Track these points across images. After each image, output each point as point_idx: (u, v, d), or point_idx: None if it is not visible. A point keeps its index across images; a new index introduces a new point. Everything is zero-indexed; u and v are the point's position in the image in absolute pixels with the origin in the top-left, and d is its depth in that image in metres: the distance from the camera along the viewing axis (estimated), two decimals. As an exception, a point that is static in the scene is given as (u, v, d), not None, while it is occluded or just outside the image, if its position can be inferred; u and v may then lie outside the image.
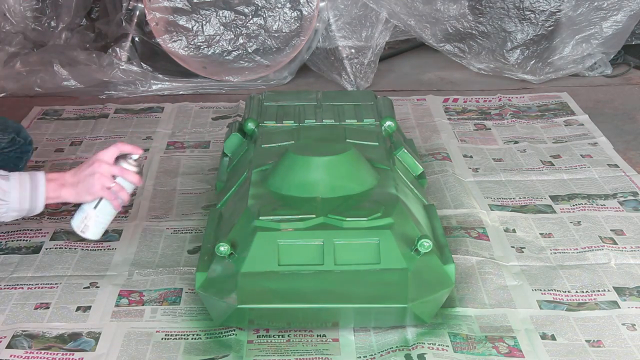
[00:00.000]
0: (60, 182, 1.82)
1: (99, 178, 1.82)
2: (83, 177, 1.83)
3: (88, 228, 1.89)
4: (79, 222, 1.89)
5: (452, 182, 2.53)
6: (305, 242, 1.77)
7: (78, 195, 1.84)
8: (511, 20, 3.53)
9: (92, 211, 1.87)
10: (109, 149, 1.84)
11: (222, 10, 3.47)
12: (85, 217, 1.88)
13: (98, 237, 1.91)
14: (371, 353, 1.80)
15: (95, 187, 1.83)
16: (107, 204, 1.86)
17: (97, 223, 1.89)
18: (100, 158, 1.83)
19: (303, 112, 2.35)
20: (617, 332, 1.85)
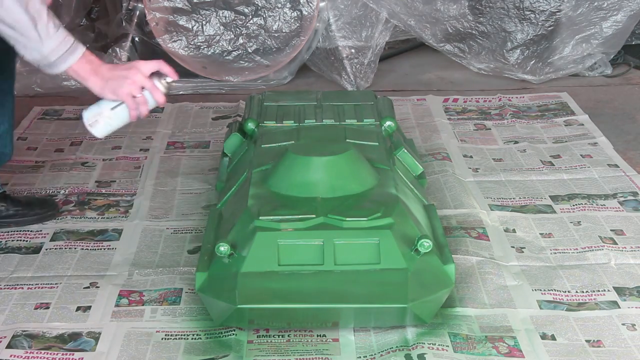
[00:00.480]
0: (94, 68, 1.85)
1: (130, 84, 1.86)
2: (115, 75, 1.86)
3: (97, 124, 1.92)
4: (91, 116, 1.91)
5: (452, 182, 2.53)
6: (305, 242, 1.77)
7: (102, 90, 1.87)
8: (511, 20, 3.53)
9: (108, 111, 1.91)
10: (150, 62, 1.89)
11: (222, 10, 3.47)
12: (99, 113, 1.91)
13: (102, 136, 1.96)
14: (371, 353, 1.80)
15: (122, 90, 1.86)
16: (125, 111, 1.90)
17: (107, 124, 1.93)
18: (138, 66, 1.87)
19: (303, 112, 2.35)
20: (617, 332, 1.85)
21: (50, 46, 1.79)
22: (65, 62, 1.82)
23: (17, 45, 1.80)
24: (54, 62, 1.81)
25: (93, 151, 2.82)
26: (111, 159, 2.76)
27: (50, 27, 1.78)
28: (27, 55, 1.81)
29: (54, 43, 1.79)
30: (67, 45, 1.81)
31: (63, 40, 1.80)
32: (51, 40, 1.79)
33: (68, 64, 1.82)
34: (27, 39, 1.78)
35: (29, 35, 1.77)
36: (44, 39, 1.78)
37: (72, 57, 1.82)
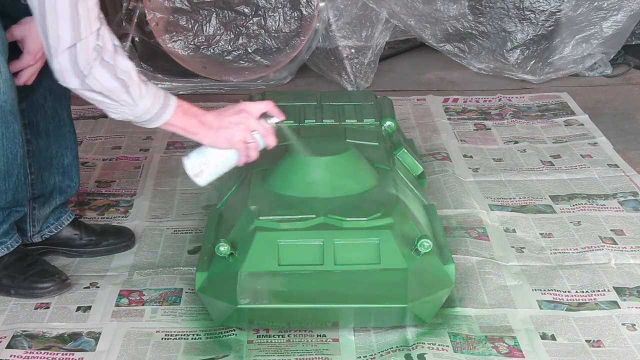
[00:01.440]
0: (200, 120, 1.77)
1: (243, 130, 1.77)
2: (227, 123, 1.77)
3: (203, 174, 1.82)
4: (196, 165, 1.82)
5: (452, 182, 2.53)
6: (305, 242, 1.77)
7: (216, 140, 1.78)
8: (511, 20, 3.53)
9: (215, 160, 1.82)
10: (260, 103, 1.81)
11: (222, 10, 3.47)
12: (205, 162, 1.82)
13: (205, 184, 1.85)
14: (371, 353, 1.80)
15: (236, 138, 1.78)
16: (234, 157, 1.81)
17: (213, 172, 1.84)
18: (249, 110, 1.78)
19: (303, 112, 2.35)
20: (617, 332, 1.85)
21: (144, 107, 1.70)
22: (160, 119, 1.73)
23: (107, 109, 1.70)
24: (148, 120, 1.72)
25: (93, 151, 2.81)
26: (111, 159, 2.76)
27: (142, 87, 1.69)
28: (117, 116, 1.72)
29: (147, 103, 1.70)
30: (160, 102, 1.72)
31: (155, 97, 1.71)
32: (144, 100, 1.69)
33: (163, 120, 1.73)
34: (119, 103, 1.68)
35: (121, 100, 1.67)
36: (136, 101, 1.68)
37: (167, 112, 1.73)
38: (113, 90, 1.65)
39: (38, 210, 2.11)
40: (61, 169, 2.11)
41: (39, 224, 2.13)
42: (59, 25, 1.59)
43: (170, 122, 1.74)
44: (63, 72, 1.63)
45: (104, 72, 1.63)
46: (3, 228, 1.97)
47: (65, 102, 2.08)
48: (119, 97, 1.66)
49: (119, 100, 1.67)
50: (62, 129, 2.09)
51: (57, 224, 2.15)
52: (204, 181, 1.85)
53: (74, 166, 2.15)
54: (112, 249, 2.19)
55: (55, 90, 2.01)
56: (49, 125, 2.06)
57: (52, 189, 2.12)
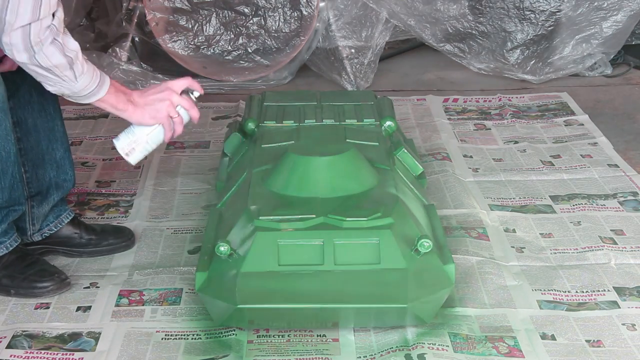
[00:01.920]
0: (129, 97, 1.86)
1: (168, 106, 1.87)
2: (151, 100, 1.87)
3: (134, 152, 1.90)
4: (126, 145, 1.90)
5: (452, 182, 2.53)
6: (305, 242, 1.77)
7: (142, 117, 1.87)
8: (511, 20, 3.53)
9: (144, 137, 1.89)
10: (180, 80, 1.91)
11: (222, 10, 3.47)
12: (134, 140, 1.89)
13: (136, 162, 1.94)
14: (371, 353, 1.80)
15: (162, 114, 1.87)
16: (160, 133, 1.89)
17: (143, 149, 1.91)
18: (170, 87, 1.89)
19: (303, 112, 2.35)
20: (617, 332, 1.85)
21: (83, 83, 1.78)
22: (95, 96, 1.82)
23: (47, 82, 1.78)
24: (84, 95, 1.81)
25: (93, 151, 2.81)
26: (111, 159, 2.76)
27: (84, 65, 1.78)
28: (55, 90, 1.80)
29: (86, 80, 1.78)
30: (97, 80, 1.81)
31: (93, 75, 1.79)
32: (83, 77, 1.77)
33: (98, 96, 1.82)
34: (61, 79, 1.76)
35: (64, 76, 1.76)
36: (78, 78, 1.77)
37: (102, 89, 1.82)
38: (60, 66, 1.74)
39: (37, 209, 2.11)
40: (54, 164, 2.12)
41: (39, 222, 2.13)
42: (20, 3, 1.65)
43: (104, 98, 1.83)
44: (13, 47, 1.70)
45: (54, 50, 1.72)
46: (2, 227, 1.98)
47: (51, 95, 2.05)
48: (63, 74, 1.75)
49: (62, 76, 1.75)
50: (50, 123, 2.11)
51: (56, 222, 2.15)
52: (135, 159, 1.93)
53: (67, 159, 2.16)
54: (112, 248, 2.20)
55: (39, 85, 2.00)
56: (37, 121, 2.08)
57: (49, 185, 2.12)
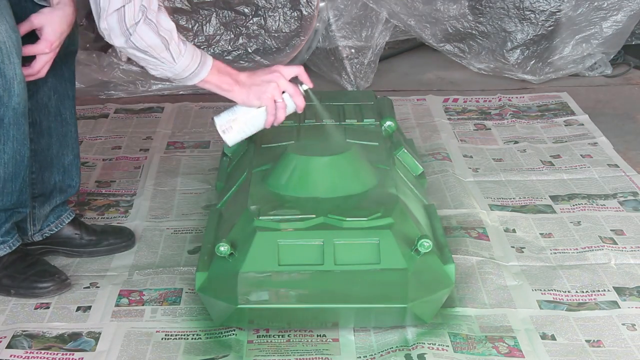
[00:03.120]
0: (234, 78, 1.86)
1: (274, 88, 1.86)
2: (259, 81, 1.86)
3: (231, 130, 1.90)
4: (225, 122, 1.90)
5: (452, 182, 2.53)
6: (305, 242, 1.77)
7: (247, 98, 1.88)
8: (511, 20, 3.53)
9: (244, 117, 1.89)
10: (292, 67, 1.90)
11: (222, 10, 3.47)
12: (234, 119, 1.89)
13: (232, 144, 1.95)
14: (371, 353, 1.80)
15: (266, 95, 1.86)
16: (262, 116, 1.89)
17: (240, 130, 1.91)
18: (280, 70, 1.87)
19: (303, 112, 2.35)
20: (617, 332, 1.85)
21: (182, 65, 1.79)
22: (198, 76, 1.83)
23: (148, 66, 1.80)
24: (186, 77, 1.82)
25: (93, 151, 2.81)
26: (111, 159, 2.76)
27: (181, 45, 1.78)
28: (158, 74, 1.82)
29: (186, 61, 1.79)
30: (198, 60, 1.81)
31: (193, 56, 1.80)
32: (182, 58, 1.78)
33: (200, 77, 1.83)
34: (159, 60, 1.77)
35: (162, 57, 1.77)
36: (176, 59, 1.77)
37: (204, 70, 1.82)
38: (155, 47, 1.74)
39: (38, 209, 2.11)
40: (62, 169, 2.12)
41: (40, 223, 2.13)
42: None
43: (207, 79, 1.84)
44: (110, 32, 1.73)
45: (147, 30, 1.72)
46: (5, 227, 1.98)
47: (69, 101, 2.10)
48: (160, 55, 1.76)
49: (160, 58, 1.76)
50: (64, 128, 2.11)
51: (57, 222, 2.15)
52: (231, 139, 1.93)
53: (75, 166, 2.16)
54: (112, 249, 2.20)
55: (60, 89, 2.05)
56: (51, 124, 2.07)
57: (53, 189, 2.12)
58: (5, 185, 1.91)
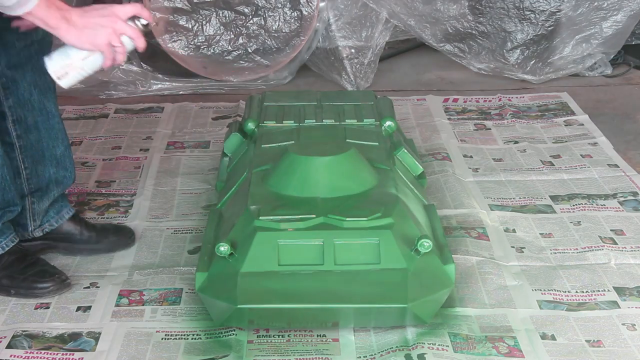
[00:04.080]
0: (64, 15, 1.67)
1: (110, 33, 1.70)
2: (92, 24, 1.69)
3: (67, 76, 1.75)
4: (59, 67, 1.74)
5: (452, 182, 2.53)
6: (305, 242, 1.77)
7: (78, 40, 1.70)
8: (511, 20, 3.53)
9: (80, 62, 1.74)
10: (127, 6, 1.74)
11: (222, 10, 3.47)
12: (69, 64, 1.74)
13: (68, 87, 1.78)
14: (371, 353, 1.80)
15: (101, 40, 1.70)
16: (98, 60, 1.74)
17: (78, 74, 1.76)
18: (116, 12, 1.71)
19: (303, 112, 2.35)
20: (617, 332, 1.85)
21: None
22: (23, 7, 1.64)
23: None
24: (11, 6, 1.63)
25: (93, 151, 2.82)
26: (111, 159, 2.76)
27: None
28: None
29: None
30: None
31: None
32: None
33: (26, 8, 1.64)
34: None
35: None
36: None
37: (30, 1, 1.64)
38: None
39: (37, 204, 2.11)
40: (54, 161, 2.10)
41: (39, 218, 2.13)
42: None
43: (33, 11, 1.64)
44: None
45: None
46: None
47: (51, 94, 2.06)
48: None
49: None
50: (51, 121, 2.08)
51: (57, 217, 2.16)
52: (68, 83, 1.77)
53: (67, 156, 2.14)
54: (112, 246, 2.20)
55: (40, 84, 2.01)
56: (37, 119, 2.04)
57: (48, 182, 2.12)
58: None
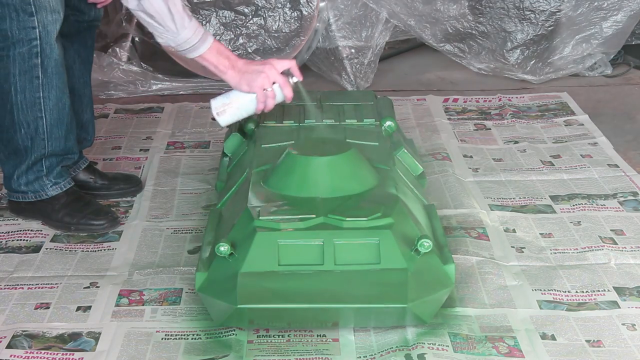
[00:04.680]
0: (232, 63, 2.06)
1: (264, 77, 2.05)
2: (252, 69, 2.06)
3: (225, 113, 2.11)
4: (220, 105, 2.10)
5: (452, 182, 2.53)
6: (305, 242, 1.77)
7: (238, 82, 2.07)
8: (511, 20, 3.53)
9: (237, 103, 2.09)
10: (284, 60, 2.11)
11: (222, 10, 3.47)
12: (228, 103, 2.10)
13: (225, 125, 2.16)
14: (371, 353, 1.80)
15: (256, 83, 2.05)
16: (253, 103, 2.08)
17: (233, 114, 2.11)
18: (272, 63, 2.07)
19: (303, 112, 2.35)
20: (617, 332, 1.85)
21: (184, 36, 1.99)
22: (197, 51, 2.02)
23: (155, 32, 2.01)
24: (187, 49, 2.02)
25: (93, 151, 2.81)
26: (111, 159, 2.76)
27: (185, 18, 1.98)
28: (163, 42, 2.03)
29: (188, 33, 1.99)
30: (199, 36, 2.01)
31: (195, 31, 2.00)
32: (185, 30, 1.98)
33: (198, 52, 2.03)
34: (165, 28, 1.98)
35: (167, 26, 1.97)
36: (179, 29, 1.98)
37: (203, 47, 2.02)
38: (162, 14, 1.96)
39: None
40: (80, 124, 2.40)
41: None
42: None
43: (204, 55, 2.04)
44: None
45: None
46: (57, 170, 2.28)
47: (89, 66, 2.45)
48: (165, 23, 1.97)
49: (165, 25, 1.97)
50: (85, 89, 2.43)
51: (74, 167, 2.41)
52: (224, 121, 2.13)
53: (91, 122, 2.49)
54: (123, 192, 2.48)
55: (83, 54, 2.38)
56: (74, 85, 2.35)
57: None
58: (52, 131, 2.20)
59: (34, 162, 2.24)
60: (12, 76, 2.12)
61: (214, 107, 2.12)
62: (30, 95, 2.14)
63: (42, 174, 2.26)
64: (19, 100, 2.15)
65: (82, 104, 2.42)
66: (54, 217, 2.29)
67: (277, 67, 2.07)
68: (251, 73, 2.05)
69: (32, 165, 2.25)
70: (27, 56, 2.10)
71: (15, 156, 2.24)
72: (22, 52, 2.09)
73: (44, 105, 2.16)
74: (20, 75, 2.12)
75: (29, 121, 2.18)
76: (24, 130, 2.19)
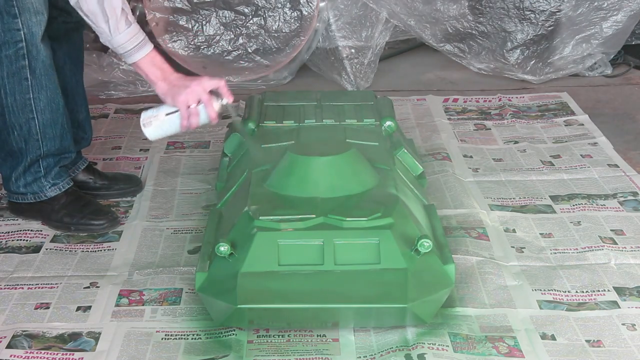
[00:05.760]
0: (165, 75, 2.04)
1: (188, 93, 2.01)
2: (179, 84, 2.03)
3: (150, 125, 2.09)
4: (148, 117, 2.09)
5: (452, 182, 2.53)
6: (305, 242, 1.77)
7: (165, 94, 2.04)
8: (511, 20, 3.53)
9: (163, 116, 2.07)
10: (215, 80, 2.05)
11: (222, 10, 3.48)
12: (155, 116, 2.08)
13: (152, 139, 2.13)
14: (371, 353, 1.80)
15: (180, 98, 2.02)
16: (177, 119, 2.05)
17: (159, 127, 2.09)
18: (201, 81, 2.03)
19: (303, 112, 2.35)
20: (617, 332, 1.85)
21: (118, 41, 1.98)
22: (130, 57, 2.01)
23: (96, 32, 2.00)
24: (122, 54, 2.01)
25: (93, 151, 2.81)
26: (111, 159, 2.76)
27: (122, 23, 1.96)
28: (103, 41, 2.02)
29: (123, 38, 1.98)
30: (135, 43, 2.00)
31: (132, 38, 1.99)
32: (120, 35, 1.97)
33: (133, 59, 2.01)
34: (99, 29, 1.98)
35: (100, 27, 1.97)
36: (113, 33, 1.97)
37: (138, 54, 2.01)
38: (95, 15, 1.96)
39: None
40: (76, 123, 2.41)
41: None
42: None
43: (137, 63, 2.03)
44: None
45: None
46: (55, 171, 2.28)
47: (80, 66, 2.45)
48: (99, 24, 1.97)
49: (98, 27, 1.98)
50: (78, 89, 2.43)
51: (74, 168, 2.42)
52: (150, 134, 2.11)
53: (87, 121, 2.48)
54: (123, 192, 2.48)
55: (72, 55, 2.38)
56: (67, 85, 2.35)
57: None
58: (45, 131, 2.20)
59: (30, 163, 2.24)
60: (0, 79, 2.13)
61: (142, 118, 2.10)
62: (21, 97, 2.15)
63: (40, 175, 2.27)
64: (9, 103, 2.16)
65: (77, 103, 2.42)
66: (54, 218, 2.29)
67: (204, 85, 2.02)
68: (178, 87, 2.02)
69: (29, 167, 2.25)
70: (14, 58, 2.10)
71: (12, 158, 2.25)
72: (9, 55, 2.10)
73: (35, 107, 2.17)
74: (8, 78, 2.13)
75: (21, 123, 2.18)
76: (16, 132, 2.19)
